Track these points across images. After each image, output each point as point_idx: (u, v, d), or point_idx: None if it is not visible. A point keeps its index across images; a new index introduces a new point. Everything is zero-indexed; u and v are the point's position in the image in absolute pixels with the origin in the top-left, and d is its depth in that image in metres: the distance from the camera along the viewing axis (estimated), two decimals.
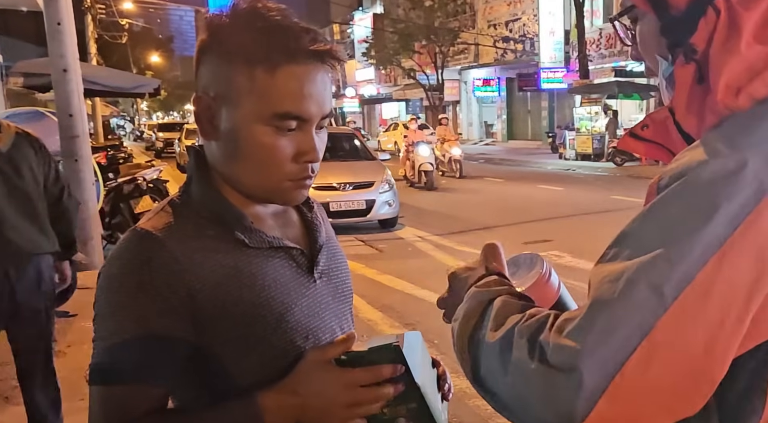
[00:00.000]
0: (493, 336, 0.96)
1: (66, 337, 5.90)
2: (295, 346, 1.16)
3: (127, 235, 1.14)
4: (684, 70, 0.98)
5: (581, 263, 8.43)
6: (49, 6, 7.98)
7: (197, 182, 1.19)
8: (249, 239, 1.16)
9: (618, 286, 0.86)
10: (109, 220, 9.48)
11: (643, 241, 0.88)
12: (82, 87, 8.44)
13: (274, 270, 1.17)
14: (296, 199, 1.20)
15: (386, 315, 6.60)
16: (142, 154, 31.26)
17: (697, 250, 0.84)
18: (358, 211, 11.30)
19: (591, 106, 25.86)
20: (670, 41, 1.02)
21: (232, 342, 1.12)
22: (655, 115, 1.05)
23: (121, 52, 37.80)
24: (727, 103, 0.93)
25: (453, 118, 43.64)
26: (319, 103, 1.13)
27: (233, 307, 1.11)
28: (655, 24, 1.03)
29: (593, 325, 0.86)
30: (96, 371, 1.10)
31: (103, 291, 1.12)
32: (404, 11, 39.50)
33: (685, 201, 0.87)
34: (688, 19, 0.98)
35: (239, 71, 1.10)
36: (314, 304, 1.22)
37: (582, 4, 26.47)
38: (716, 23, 0.95)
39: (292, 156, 1.14)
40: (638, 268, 0.86)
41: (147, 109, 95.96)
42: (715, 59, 0.95)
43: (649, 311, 0.84)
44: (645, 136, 1.07)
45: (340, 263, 1.33)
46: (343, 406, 1.09)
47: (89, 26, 26.25)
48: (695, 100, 0.97)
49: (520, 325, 0.93)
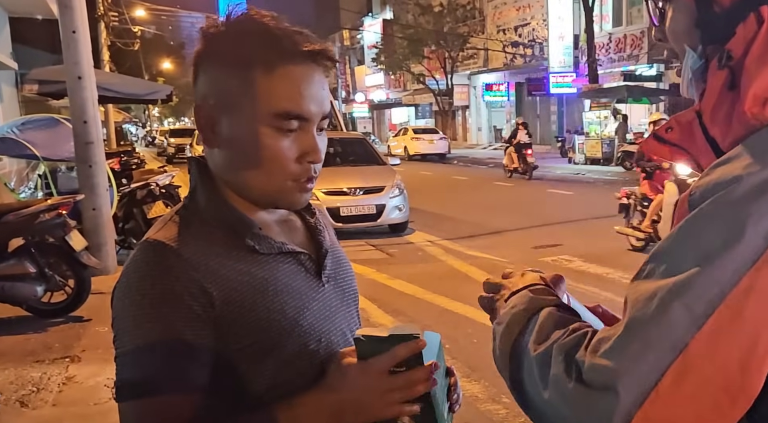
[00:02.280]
0: (535, 349, 0.97)
1: (81, 342, 5.96)
2: (309, 349, 1.17)
3: (140, 247, 1.13)
4: (717, 75, 0.96)
5: (591, 267, 8.45)
6: (64, 14, 8.08)
7: (202, 192, 1.19)
8: (259, 245, 1.17)
9: (652, 306, 0.87)
10: (123, 226, 9.53)
11: (678, 259, 0.88)
12: (97, 94, 8.53)
13: (284, 275, 1.18)
14: (300, 202, 1.21)
15: (397, 319, 6.61)
16: (153, 160, 31.38)
17: (730, 267, 0.85)
18: (368, 215, 11.32)
19: (600, 111, 25.80)
20: (704, 35, 1.00)
21: (248, 348, 1.12)
22: (681, 117, 1.03)
23: (134, 58, 37.97)
24: (755, 113, 0.92)
25: (462, 122, 43.68)
26: (317, 102, 1.14)
27: (249, 312, 1.12)
28: (692, 14, 1.01)
29: (628, 345, 0.87)
30: (126, 386, 1.08)
31: (123, 304, 1.11)
32: (414, 17, 39.58)
33: (718, 218, 0.87)
34: (728, 20, 0.96)
35: (237, 76, 1.12)
36: (324, 307, 1.23)
37: (591, 9, 26.43)
38: (756, 32, 0.94)
39: (295, 157, 1.15)
40: (672, 288, 0.86)
41: (158, 115, 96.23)
42: (749, 69, 0.93)
43: (683, 329, 0.85)
44: (670, 140, 1.05)
45: (345, 267, 1.34)
46: (380, 393, 1.08)
47: (102, 34, 26.41)
48: (724, 107, 0.96)
49: (560, 341, 0.95)
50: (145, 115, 71.03)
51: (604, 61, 28.48)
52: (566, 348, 0.93)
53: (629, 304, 0.90)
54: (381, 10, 51.23)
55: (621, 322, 0.90)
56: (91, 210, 8.24)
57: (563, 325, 0.97)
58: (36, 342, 6.02)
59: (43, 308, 6.71)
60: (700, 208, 0.89)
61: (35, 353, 5.70)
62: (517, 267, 1.22)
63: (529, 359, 0.97)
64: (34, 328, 6.37)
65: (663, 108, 24.92)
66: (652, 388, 0.84)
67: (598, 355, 0.88)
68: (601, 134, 25.09)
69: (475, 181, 21.15)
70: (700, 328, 0.84)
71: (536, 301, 1.04)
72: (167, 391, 1.06)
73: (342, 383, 1.10)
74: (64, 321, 6.58)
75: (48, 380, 5.08)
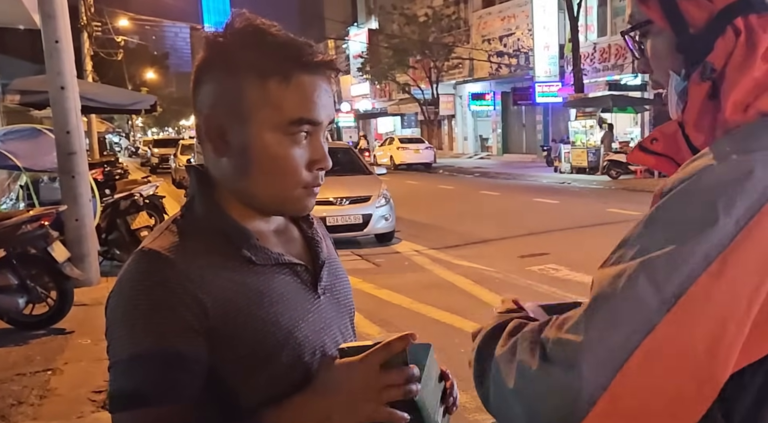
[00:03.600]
0: (500, 350, 0.96)
1: (63, 354, 5.86)
2: (303, 361, 1.16)
3: (135, 257, 1.13)
4: (699, 87, 1.00)
5: (578, 276, 8.44)
6: (47, 24, 8.03)
7: (200, 201, 1.19)
8: (255, 256, 1.17)
9: (620, 282, 0.86)
10: (106, 237, 9.45)
11: (647, 242, 0.89)
12: (80, 104, 8.47)
13: (280, 286, 1.18)
14: (307, 208, 1.22)
15: (384, 329, 6.58)
16: (137, 170, 31.26)
17: (701, 250, 0.85)
18: (354, 225, 11.29)
19: (586, 120, 25.95)
20: (686, 58, 1.03)
21: (243, 359, 1.12)
22: (665, 128, 1.07)
23: (117, 68, 37.91)
24: (736, 119, 0.95)
25: (448, 132, 43.82)
26: (327, 110, 1.17)
27: (243, 323, 1.11)
28: (671, 40, 1.04)
29: (594, 320, 0.86)
30: (119, 397, 1.08)
31: (116, 314, 1.10)
32: (399, 27, 39.69)
33: (690, 202, 0.88)
34: (706, 37, 0.99)
35: (252, 85, 1.13)
36: (320, 319, 1.22)
37: (576, 19, 26.63)
38: (735, 43, 0.97)
39: (305, 164, 1.17)
40: (641, 264, 0.86)
41: (142, 125, 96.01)
42: (730, 78, 0.97)
43: (652, 309, 0.84)
44: (655, 150, 1.08)
45: (341, 278, 1.34)
46: (368, 393, 1.07)
47: (85, 43, 26.32)
48: (706, 116, 0.99)
49: (525, 331, 0.94)
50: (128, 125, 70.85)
51: (589, 70, 28.67)
52: (533, 333, 0.92)
53: (595, 284, 0.89)
54: (366, 19, 51.41)
55: (585, 302, 0.89)
56: (73, 221, 8.16)
57: (531, 327, 0.97)
58: (17, 355, 5.92)
59: (25, 320, 6.62)
60: (669, 196, 0.91)
61: (16, 366, 5.61)
62: None
63: (494, 361, 0.96)
64: (15, 341, 6.27)
65: (648, 117, 25.11)
66: (618, 369, 0.83)
67: (563, 331, 0.87)
68: (586, 143, 25.24)
69: (461, 191, 21.17)
70: (669, 309, 0.84)
71: (501, 317, 1.06)
72: (160, 402, 1.05)
73: (329, 383, 1.10)
74: (45, 333, 6.49)
75: (29, 393, 4.99)
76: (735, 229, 0.85)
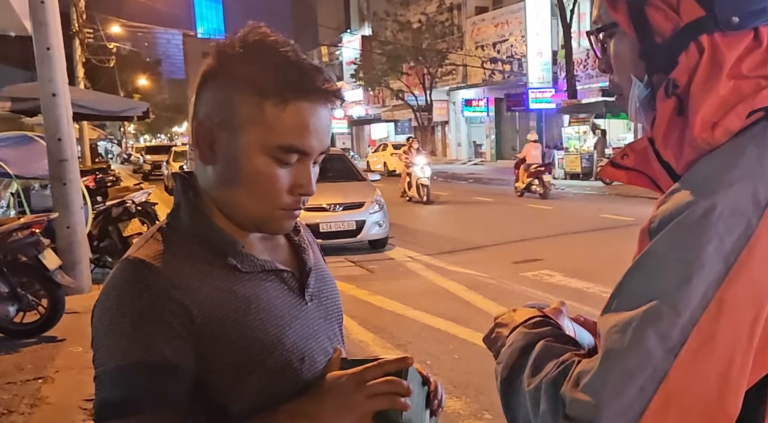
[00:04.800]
0: (528, 383, 0.98)
1: (54, 363, 5.83)
2: (292, 368, 1.16)
3: (120, 265, 1.13)
4: (665, 103, 0.99)
5: (572, 282, 8.44)
6: (38, 31, 8.00)
7: (186, 209, 1.19)
8: (241, 264, 1.17)
9: (626, 337, 0.87)
10: (98, 244, 9.41)
11: (644, 289, 0.89)
12: (71, 111, 8.43)
13: (267, 293, 1.18)
14: (284, 229, 1.22)
15: (378, 336, 6.56)
16: (129, 177, 31.18)
17: (697, 293, 0.86)
18: (348, 231, 11.27)
19: (579, 126, 26.01)
20: (649, 65, 1.03)
21: (229, 367, 1.11)
22: (635, 144, 1.06)
23: (109, 75, 37.85)
24: (704, 137, 0.95)
25: (442, 138, 43.85)
26: (320, 139, 1.16)
27: (230, 330, 1.11)
28: (635, 46, 1.04)
29: (607, 378, 0.87)
30: (106, 406, 1.07)
31: (102, 323, 1.10)
32: (392, 33, 39.76)
33: (678, 246, 0.89)
34: (670, 50, 0.99)
35: (249, 101, 1.12)
36: (307, 325, 1.22)
37: (569, 25, 26.72)
38: (699, 61, 0.97)
39: (288, 188, 1.16)
40: (643, 317, 0.87)
41: (134, 132, 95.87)
42: (695, 95, 0.96)
43: (660, 358, 0.86)
44: (626, 164, 1.08)
45: (329, 285, 1.34)
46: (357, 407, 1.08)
47: (77, 50, 26.28)
48: (674, 132, 0.99)
49: (549, 375, 0.95)
50: (120, 132, 70.73)
51: (582, 76, 28.76)
52: (553, 382, 0.94)
53: (603, 337, 0.91)
54: (359, 26, 51.48)
55: (598, 356, 0.90)
56: (65, 228, 8.12)
57: (556, 356, 0.98)
58: (7, 363, 5.88)
59: (16, 329, 6.58)
60: (659, 237, 0.91)
61: (6, 374, 5.56)
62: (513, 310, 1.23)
63: (523, 394, 0.98)
64: (5, 349, 6.23)
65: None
66: (637, 421, 0.85)
67: (579, 390, 0.89)
68: (580, 149, 25.30)
69: (455, 197, 21.16)
70: (676, 355, 0.85)
71: (530, 336, 1.06)
72: (147, 411, 1.05)
73: (319, 392, 1.11)
74: (36, 341, 6.45)
75: (20, 402, 4.95)
76: (726, 267, 0.87)
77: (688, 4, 0.98)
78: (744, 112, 0.96)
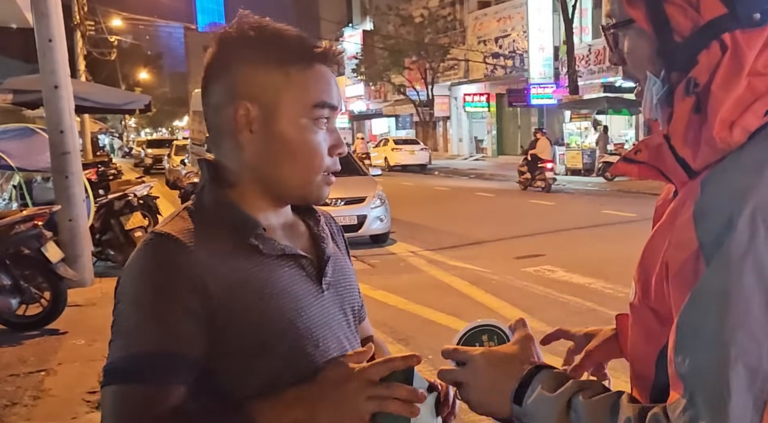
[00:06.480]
0: None
1: (57, 355, 5.83)
2: (305, 352, 1.18)
3: (147, 238, 1.16)
4: (684, 102, 0.98)
5: (574, 278, 8.43)
6: (40, 23, 7.98)
7: (210, 191, 1.22)
8: (263, 245, 1.19)
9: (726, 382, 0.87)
10: (100, 237, 9.41)
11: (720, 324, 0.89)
12: (74, 103, 8.42)
13: (284, 277, 1.20)
14: (324, 195, 1.26)
15: (379, 330, 6.56)
16: (130, 171, 31.16)
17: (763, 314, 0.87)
18: (349, 226, 11.22)
19: (581, 122, 25.98)
20: (666, 63, 1.01)
21: (243, 348, 1.13)
22: (649, 141, 1.05)
23: (110, 68, 37.73)
24: (723, 137, 0.95)
25: (443, 133, 43.79)
26: (338, 97, 1.25)
27: (246, 310, 1.13)
28: (653, 43, 1.02)
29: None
30: (115, 370, 1.10)
31: (125, 290, 1.14)
32: (394, 27, 39.70)
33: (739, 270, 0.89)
34: (690, 48, 0.98)
35: (274, 73, 1.18)
36: (322, 313, 1.23)
37: (571, 21, 26.68)
38: (721, 59, 0.95)
39: (328, 149, 1.23)
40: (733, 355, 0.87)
41: (135, 126, 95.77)
42: (716, 95, 0.95)
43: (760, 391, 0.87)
44: (639, 159, 1.07)
45: (347, 276, 1.35)
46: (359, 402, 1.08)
47: (78, 43, 26.22)
48: (692, 130, 0.98)
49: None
50: (121, 125, 70.62)
51: (584, 72, 28.71)
52: None
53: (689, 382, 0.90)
54: (361, 20, 51.38)
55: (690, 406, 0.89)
56: (67, 221, 8.12)
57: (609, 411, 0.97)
58: (10, 355, 5.88)
59: (18, 321, 6.59)
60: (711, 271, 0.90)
61: (9, 367, 5.57)
62: None
63: None
64: (8, 342, 6.23)
65: (643, 119, 25.09)
66: None
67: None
68: (581, 145, 25.26)
69: (456, 192, 21.16)
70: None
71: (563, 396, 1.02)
72: (151, 383, 1.07)
73: (324, 382, 1.11)
74: (39, 334, 6.45)
75: (23, 394, 4.96)
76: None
77: (708, 2, 0.97)
78: (762, 110, 0.95)
